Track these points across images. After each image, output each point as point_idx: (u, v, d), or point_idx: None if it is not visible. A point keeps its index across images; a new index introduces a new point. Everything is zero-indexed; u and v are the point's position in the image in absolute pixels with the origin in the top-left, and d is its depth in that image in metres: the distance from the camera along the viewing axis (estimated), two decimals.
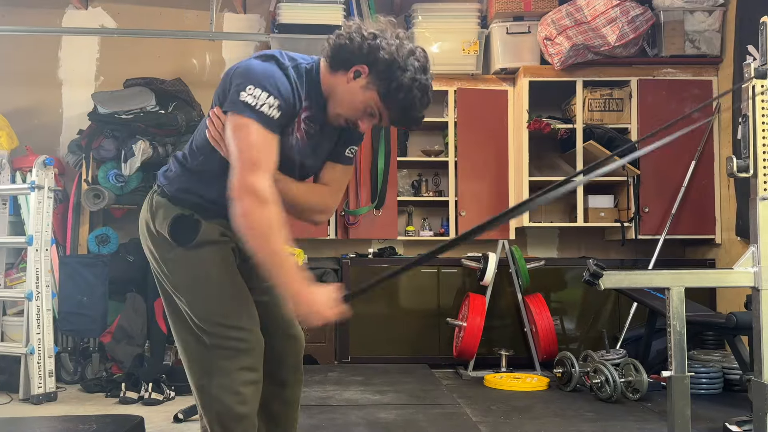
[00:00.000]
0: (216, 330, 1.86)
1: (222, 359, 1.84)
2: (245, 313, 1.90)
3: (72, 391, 4.12)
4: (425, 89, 1.81)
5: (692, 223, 4.70)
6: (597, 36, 4.51)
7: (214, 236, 1.90)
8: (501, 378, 4.18)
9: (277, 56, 1.82)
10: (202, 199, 1.90)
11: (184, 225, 1.89)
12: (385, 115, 1.85)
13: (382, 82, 1.78)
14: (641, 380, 3.63)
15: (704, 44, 4.69)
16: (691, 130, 4.69)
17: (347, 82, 1.82)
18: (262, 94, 1.72)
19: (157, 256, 1.93)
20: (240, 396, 1.83)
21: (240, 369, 1.84)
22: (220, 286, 1.89)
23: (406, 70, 1.77)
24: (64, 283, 4.30)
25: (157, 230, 1.92)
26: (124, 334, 4.33)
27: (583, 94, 4.77)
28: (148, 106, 4.60)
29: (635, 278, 3.04)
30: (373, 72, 1.79)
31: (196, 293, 1.88)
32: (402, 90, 1.78)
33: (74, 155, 4.73)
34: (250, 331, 1.88)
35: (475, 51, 4.88)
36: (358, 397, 3.74)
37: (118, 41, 5.13)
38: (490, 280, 4.47)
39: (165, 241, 1.90)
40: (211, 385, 1.85)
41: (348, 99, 1.83)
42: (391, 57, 1.77)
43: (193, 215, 1.89)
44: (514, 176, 4.91)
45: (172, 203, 1.92)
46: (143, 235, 1.99)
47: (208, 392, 1.86)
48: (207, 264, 1.89)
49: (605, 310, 4.72)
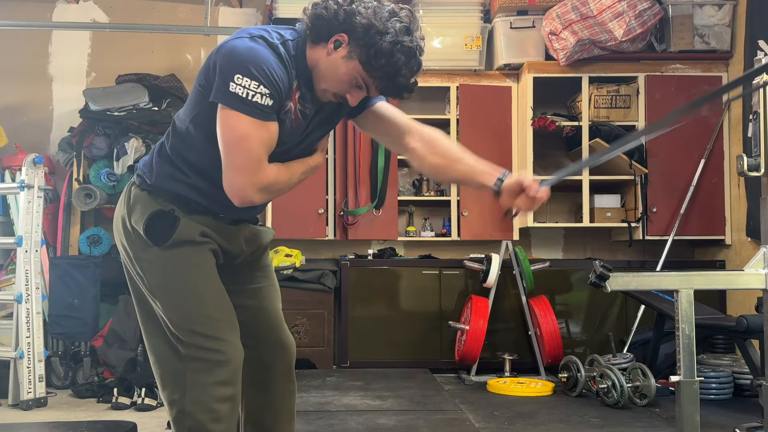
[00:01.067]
0: (192, 339, 1.78)
1: (197, 372, 1.76)
2: (225, 321, 1.83)
3: (63, 396, 4.12)
4: (411, 52, 1.71)
5: (701, 223, 4.70)
6: (603, 31, 4.50)
7: (193, 236, 1.81)
8: (504, 383, 4.18)
9: (265, 35, 1.73)
10: (186, 187, 1.82)
11: (160, 222, 1.80)
12: (372, 84, 1.76)
13: (362, 49, 1.71)
14: (649, 385, 3.63)
15: (714, 39, 4.69)
16: (700, 128, 4.71)
17: (328, 54, 1.75)
18: (251, 83, 1.64)
19: (131, 254, 1.85)
20: (214, 413, 1.76)
21: (215, 384, 1.76)
22: (198, 292, 1.81)
23: (386, 33, 1.69)
24: (54, 285, 4.30)
25: (133, 227, 1.83)
26: (116, 338, 4.33)
27: (589, 91, 4.77)
28: (141, 103, 4.60)
29: (643, 280, 3.03)
30: (352, 39, 1.72)
31: (172, 297, 1.81)
32: (383, 55, 1.69)
33: (65, 153, 4.73)
34: (229, 342, 1.81)
35: (477, 46, 4.88)
36: (358, 402, 3.74)
37: (110, 36, 5.13)
38: (494, 282, 4.47)
39: (140, 239, 1.82)
40: (183, 400, 1.77)
41: (331, 72, 1.75)
42: (368, 21, 1.69)
43: (172, 212, 1.81)
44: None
45: (152, 196, 1.83)
46: (118, 231, 1.90)
47: (180, 407, 1.78)
48: (184, 266, 1.81)
49: (612, 313, 4.72)
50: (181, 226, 1.80)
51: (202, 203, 1.83)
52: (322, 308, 4.64)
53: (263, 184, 1.72)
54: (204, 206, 1.83)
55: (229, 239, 1.89)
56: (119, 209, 1.91)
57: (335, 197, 4.81)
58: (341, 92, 1.79)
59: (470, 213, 4.87)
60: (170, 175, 1.83)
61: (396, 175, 4.90)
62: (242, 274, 1.97)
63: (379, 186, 4.78)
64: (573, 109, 4.95)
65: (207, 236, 1.84)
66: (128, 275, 1.92)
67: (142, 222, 1.81)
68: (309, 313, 4.61)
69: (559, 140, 4.97)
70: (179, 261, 1.81)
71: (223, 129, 1.69)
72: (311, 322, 4.61)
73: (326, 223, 4.79)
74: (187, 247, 1.81)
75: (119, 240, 1.91)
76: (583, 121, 4.74)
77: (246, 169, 1.69)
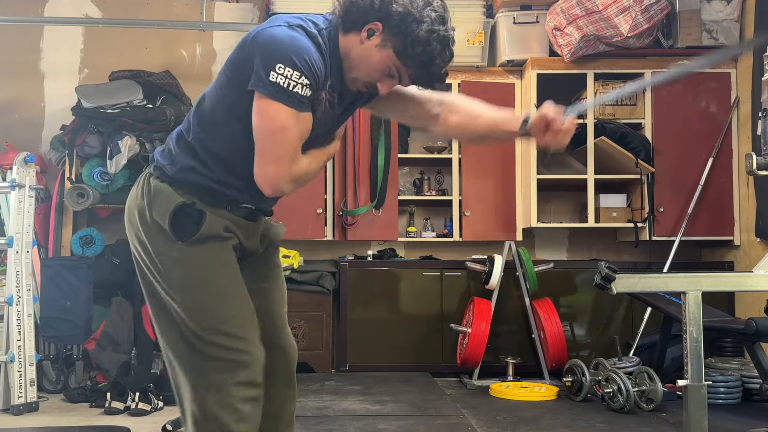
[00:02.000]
0: (215, 338, 1.77)
1: (220, 372, 1.76)
2: (249, 321, 1.83)
3: (54, 401, 4.12)
4: (445, 41, 1.77)
5: (709, 223, 4.70)
6: (609, 26, 4.50)
7: (219, 231, 1.81)
8: (507, 387, 4.18)
9: (303, 24, 1.74)
10: (210, 180, 1.81)
11: (186, 216, 1.78)
12: (405, 73, 1.80)
13: (398, 37, 1.74)
14: (656, 389, 3.63)
15: (722, 35, 4.69)
16: (709, 125, 4.71)
17: (361, 43, 1.77)
18: (293, 74, 1.66)
19: (150, 249, 1.82)
20: (238, 413, 1.75)
21: (239, 384, 1.76)
22: (222, 289, 1.80)
23: (422, 21, 1.73)
24: (46, 286, 4.30)
25: (154, 220, 1.81)
26: (109, 341, 4.33)
27: (594, 88, 4.77)
28: (135, 100, 4.59)
29: (649, 282, 3.04)
30: (387, 28, 1.75)
31: (195, 295, 1.79)
32: (420, 44, 1.74)
33: (57, 152, 4.73)
34: (253, 342, 1.81)
35: (480, 42, 4.88)
36: (357, 407, 3.74)
37: (104, 31, 5.13)
38: (496, 283, 4.47)
39: (162, 233, 1.79)
40: (206, 401, 1.76)
41: (364, 61, 1.78)
42: (405, 9, 1.73)
43: (194, 204, 1.80)
44: (521, 174, 4.91)
45: (174, 188, 1.81)
46: (133, 224, 1.86)
47: (202, 407, 1.77)
48: (209, 263, 1.80)
49: (617, 316, 4.72)
50: (207, 221, 1.80)
51: (227, 194, 1.82)
52: (320, 310, 4.65)
53: (297, 175, 1.76)
54: (228, 198, 1.83)
55: (248, 235, 1.90)
56: (135, 201, 1.87)
57: (334, 197, 4.81)
58: (372, 81, 1.81)
59: (472, 213, 4.87)
60: (193, 168, 1.82)
61: (396, 173, 4.90)
62: (254, 272, 1.97)
63: (378, 185, 4.78)
64: None
65: (230, 231, 1.84)
66: (141, 270, 1.90)
67: (167, 215, 1.79)
68: (307, 316, 4.61)
69: None
70: (203, 257, 1.80)
71: (261, 119, 1.70)
72: (309, 325, 4.61)
73: (325, 223, 4.79)
74: (212, 243, 1.81)
75: (133, 233, 1.87)
76: (589, 118, 4.74)
77: (282, 159, 1.72)
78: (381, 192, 4.79)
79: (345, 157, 4.81)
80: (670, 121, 4.76)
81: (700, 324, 2.54)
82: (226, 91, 1.78)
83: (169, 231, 1.79)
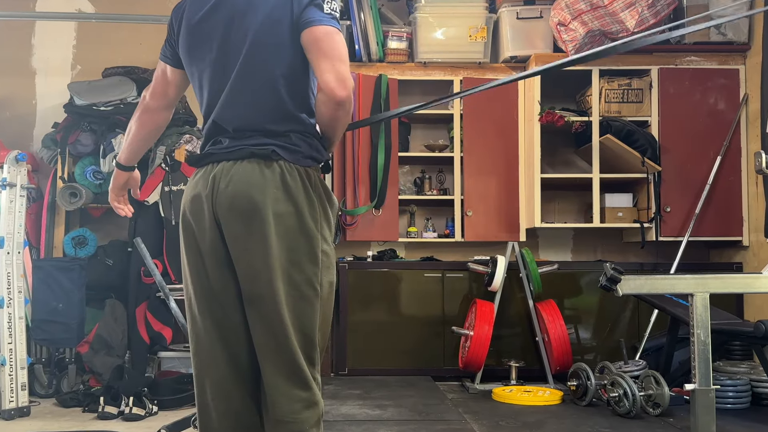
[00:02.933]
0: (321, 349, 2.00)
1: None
2: None
3: (46, 405, 4.12)
4: None
5: (717, 223, 4.70)
6: (615, 21, 4.51)
7: None
8: (510, 391, 4.18)
9: None
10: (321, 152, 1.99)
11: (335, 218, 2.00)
12: None
13: None
14: (662, 394, 3.63)
15: (731, 30, 4.69)
16: (717, 123, 4.72)
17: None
18: (334, 5, 1.93)
19: (315, 247, 1.87)
20: None
21: None
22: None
23: None
24: (37, 288, 4.30)
25: (326, 215, 1.91)
26: (102, 344, 4.33)
27: (600, 85, 4.77)
28: (129, 97, 4.59)
29: (656, 283, 3.05)
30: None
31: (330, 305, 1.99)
32: None
33: (49, 150, 4.73)
34: None
35: (482, 38, 4.88)
36: (356, 412, 3.74)
37: (97, 27, 5.13)
38: (499, 285, 4.47)
39: (323, 231, 1.91)
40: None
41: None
42: None
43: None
44: (525, 173, 4.91)
45: (322, 181, 1.96)
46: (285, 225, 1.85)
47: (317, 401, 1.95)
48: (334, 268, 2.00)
49: (623, 318, 4.72)
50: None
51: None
52: None
53: (352, 86, 1.91)
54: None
55: None
56: (298, 196, 1.87)
57: None
58: None
59: (475, 213, 4.87)
60: (317, 149, 1.97)
61: (397, 172, 4.90)
62: None
63: (378, 184, 4.78)
64: (583, 103, 4.95)
65: None
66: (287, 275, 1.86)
67: (335, 213, 1.97)
68: None
69: (568, 136, 4.97)
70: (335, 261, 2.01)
71: (330, 43, 1.87)
72: None
73: None
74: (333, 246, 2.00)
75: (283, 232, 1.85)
76: (594, 116, 4.75)
77: (346, 68, 1.87)
78: (381, 191, 4.79)
79: (344, 156, 4.81)
80: (677, 119, 4.76)
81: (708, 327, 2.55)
82: (287, 47, 1.91)
83: (334, 229, 1.97)
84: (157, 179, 4.51)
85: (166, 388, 4.01)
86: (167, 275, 4.37)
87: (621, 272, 3.04)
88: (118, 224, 4.85)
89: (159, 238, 4.47)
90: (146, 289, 4.40)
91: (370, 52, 4.91)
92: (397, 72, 4.95)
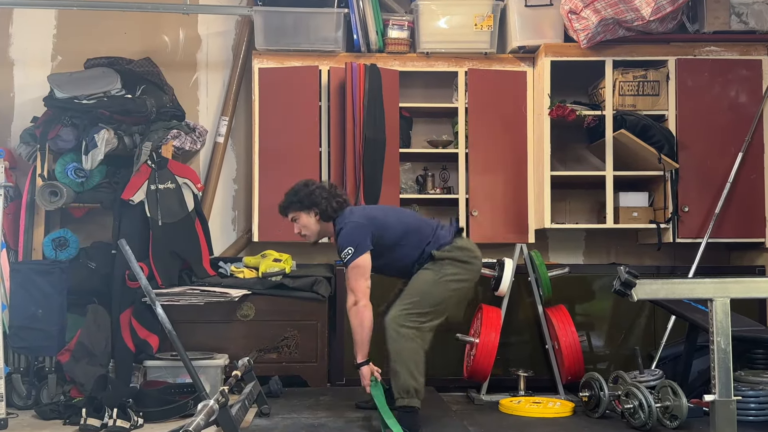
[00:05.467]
0: None
1: None
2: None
3: (25, 417, 4.12)
4: None
5: (739, 224, 4.70)
6: (629, 9, 4.51)
7: None
8: (518, 402, 4.18)
9: None
10: None
11: None
12: None
13: None
14: (680, 405, 3.63)
15: (753, 18, 4.69)
16: (738, 118, 4.71)
17: None
18: None
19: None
20: None
21: None
22: None
23: None
24: (15, 293, 4.30)
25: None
26: (84, 352, 4.32)
27: (614, 76, 4.77)
28: (113, 90, 4.59)
29: (673, 288, 3.05)
30: None
31: None
32: None
33: (27, 146, 4.73)
34: None
35: (488, 26, 4.88)
36: (355, 424, 3.74)
37: (78, 15, 5.13)
38: (507, 290, 4.47)
39: None
40: None
41: None
42: None
43: None
44: (533, 170, 4.91)
45: None
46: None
47: None
48: None
49: (638, 325, 4.72)
50: None
51: None
52: (314, 319, 4.64)
53: None
54: None
55: None
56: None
57: None
58: None
59: (480, 213, 4.87)
60: None
61: (397, 170, 4.90)
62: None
63: (378, 184, 4.78)
64: (595, 96, 4.95)
65: None
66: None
67: None
68: (300, 325, 4.61)
69: (580, 131, 4.97)
70: None
71: None
72: (303, 335, 4.61)
73: None
74: None
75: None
76: (607, 110, 4.75)
77: None
78: (376, 190, 4.77)
79: (344, 154, 4.80)
80: (695, 113, 4.76)
81: (729, 334, 2.55)
82: None
83: None
84: (143, 177, 4.51)
85: (152, 399, 4.00)
86: (153, 279, 4.37)
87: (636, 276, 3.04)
88: (101, 225, 4.85)
89: (145, 239, 4.46)
90: (131, 293, 4.39)
91: (369, 42, 4.91)
92: (398, 63, 4.95)
